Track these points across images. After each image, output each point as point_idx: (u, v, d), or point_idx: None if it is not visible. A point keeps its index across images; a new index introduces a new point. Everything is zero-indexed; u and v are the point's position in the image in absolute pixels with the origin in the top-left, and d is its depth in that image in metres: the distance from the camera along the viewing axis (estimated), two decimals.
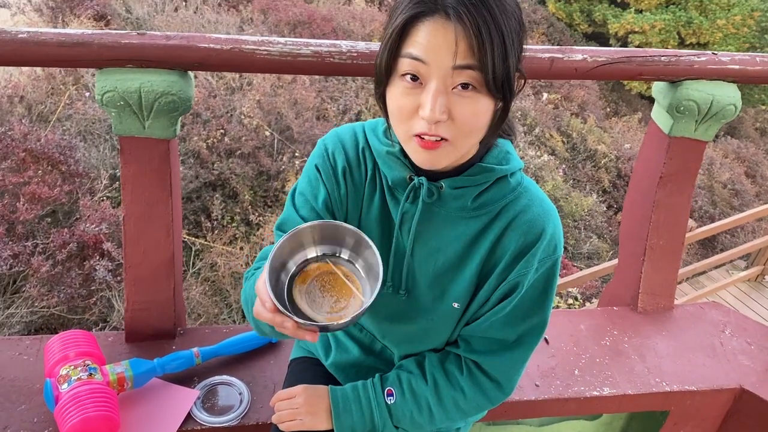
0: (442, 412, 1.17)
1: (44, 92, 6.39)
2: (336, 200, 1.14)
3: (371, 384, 1.20)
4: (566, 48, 1.63)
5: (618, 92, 13.06)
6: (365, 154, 1.13)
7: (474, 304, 1.12)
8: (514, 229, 1.06)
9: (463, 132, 0.93)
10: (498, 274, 1.09)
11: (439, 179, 1.05)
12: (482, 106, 0.92)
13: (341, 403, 1.18)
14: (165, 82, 1.41)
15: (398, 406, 1.17)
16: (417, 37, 0.89)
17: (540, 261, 1.07)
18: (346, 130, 1.16)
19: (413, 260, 1.12)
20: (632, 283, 2.00)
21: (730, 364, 1.83)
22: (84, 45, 1.36)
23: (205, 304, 5.31)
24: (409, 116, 0.93)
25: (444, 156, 0.96)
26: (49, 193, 5.03)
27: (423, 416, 1.17)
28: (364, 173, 1.14)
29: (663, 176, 1.85)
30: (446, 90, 0.90)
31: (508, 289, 1.09)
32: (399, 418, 1.17)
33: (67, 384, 1.36)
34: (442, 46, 0.87)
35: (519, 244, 1.06)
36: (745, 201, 9.73)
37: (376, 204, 1.13)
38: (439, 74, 0.88)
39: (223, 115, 6.67)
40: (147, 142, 1.49)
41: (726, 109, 1.73)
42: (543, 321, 1.12)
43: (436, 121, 0.90)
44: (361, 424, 1.16)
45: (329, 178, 1.13)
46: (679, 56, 1.68)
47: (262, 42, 1.44)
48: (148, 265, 1.61)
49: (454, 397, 1.16)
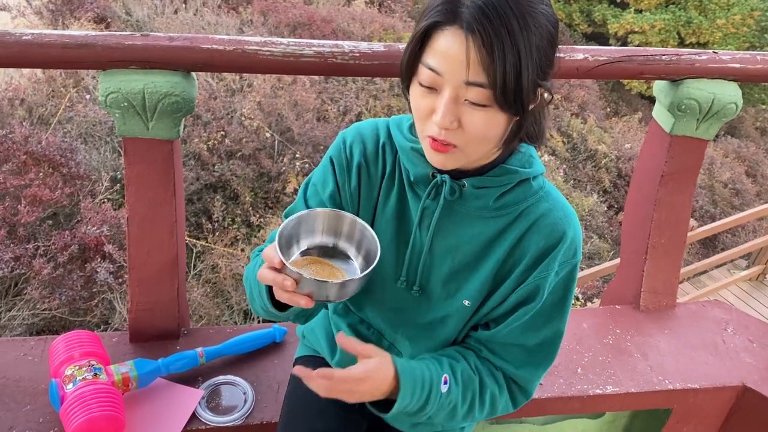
0: (480, 407, 1.11)
1: (45, 95, 6.39)
2: (346, 194, 1.15)
3: (436, 368, 1.08)
4: (567, 47, 1.64)
5: (618, 92, 13.07)
6: (385, 149, 1.14)
7: (488, 304, 1.13)
8: (536, 231, 1.07)
9: (472, 141, 0.95)
10: (516, 276, 1.09)
11: (461, 178, 1.06)
12: (494, 119, 0.92)
13: (408, 398, 1.03)
14: (169, 83, 1.42)
15: (451, 395, 1.07)
16: (436, 45, 0.90)
17: (560, 264, 1.07)
18: (368, 125, 1.17)
19: (431, 257, 1.13)
20: (634, 282, 2.01)
21: (732, 361, 1.84)
22: (88, 46, 1.37)
23: (207, 306, 5.31)
24: (425, 117, 0.96)
25: (452, 160, 0.98)
26: (50, 196, 5.03)
27: (462, 409, 1.10)
28: (382, 168, 1.15)
29: (664, 175, 1.86)
30: (458, 100, 0.91)
31: (527, 293, 1.08)
32: (442, 410, 1.08)
33: (72, 384, 1.36)
34: (456, 60, 0.88)
35: (540, 246, 1.06)
36: (745, 200, 9.73)
37: (393, 200, 1.14)
38: (452, 85, 0.90)
39: (224, 117, 6.67)
40: (151, 143, 1.50)
41: (727, 107, 1.74)
42: (563, 326, 1.13)
43: (446, 128, 0.92)
44: (412, 411, 1.06)
45: (342, 171, 1.15)
46: (680, 55, 1.69)
47: (265, 43, 1.45)
48: (152, 265, 1.62)
49: (492, 393, 1.12)
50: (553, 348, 1.14)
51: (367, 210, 1.16)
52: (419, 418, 1.08)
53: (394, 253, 1.15)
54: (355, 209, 1.16)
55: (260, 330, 1.70)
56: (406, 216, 1.14)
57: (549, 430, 1.90)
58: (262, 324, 1.76)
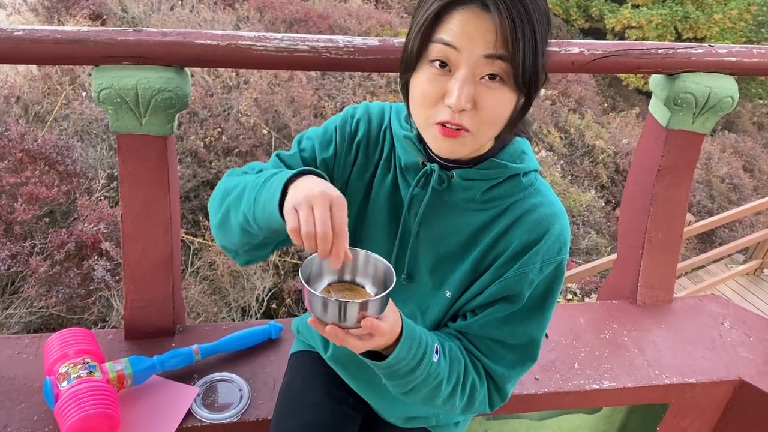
0: (461, 393, 1.08)
1: (41, 92, 6.37)
2: (340, 165, 1.15)
3: (430, 336, 1.05)
4: (563, 41, 1.63)
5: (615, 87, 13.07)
6: (386, 134, 1.15)
7: (466, 295, 1.11)
8: (520, 226, 1.06)
9: (485, 123, 0.94)
10: (496, 269, 1.07)
11: (451, 169, 1.06)
12: (507, 99, 0.93)
13: (404, 352, 0.99)
14: (162, 78, 1.41)
15: (440, 367, 1.04)
16: (451, 24, 0.89)
17: (544, 261, 1.05)
18: (376, 106, 1.18)
19: (417, 244, 1.12)
20: (631, 277, 2.00)
21: (729, 356, 1.83)
22: (80, 42, 1.36)
23: (204, 303, 5.30)
24: (433, 103, 0.94)
25: (463, 145, 0.97)
26: (47, 194, 5.01)
27: (446, 389, 1.06)
28: (380, 152, 1.15)
29: (661, 169, 1.86)
30: (474, 79, 0.91)
31: (507, 287, 1.06)
32: (429, 382, 1.04)
33: (67, 382, 1.36)
34: (475, 35, 0.88)
35: (522, 240, 1.05)
36: (743, 195, 9.74)
37: (388, 185, 1.14)
38: (469, 62, 0.89)
39: (220, 114, 6.66)
40: (144, 139, 1.49)
41: (723, 101, 1.73)
42: (542, 327, 1.10)
43: (461, 109, 0.91)
44: (404, 370, 1.01)
45: (343, 142, 1.15)
46: (676, 48, 1.68)
47: (259, 38, 1.44)
48: (147, 262, 1.61)
49: (473, 381, 1.09)
50: (530, 350, 1.11)
51: (358, 190, 1.16)
52: (406, 385, 1.03)
53: (386, 238, 1.15)
54: (344, 181, 1.16)
55: (256, 326, 1.69)
56: (398, 201, 1.14)
57: (546, 425, 1.90)
58: (258, 321, 1.75)
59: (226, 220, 1.07)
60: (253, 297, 5.45)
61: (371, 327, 0.89)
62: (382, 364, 1.00)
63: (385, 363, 0.99)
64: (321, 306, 0.88)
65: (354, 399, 1.35)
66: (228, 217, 1.06)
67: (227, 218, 1.07)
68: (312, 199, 0.86)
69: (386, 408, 1.33)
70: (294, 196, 0.88)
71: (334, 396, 1.33)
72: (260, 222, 0.97)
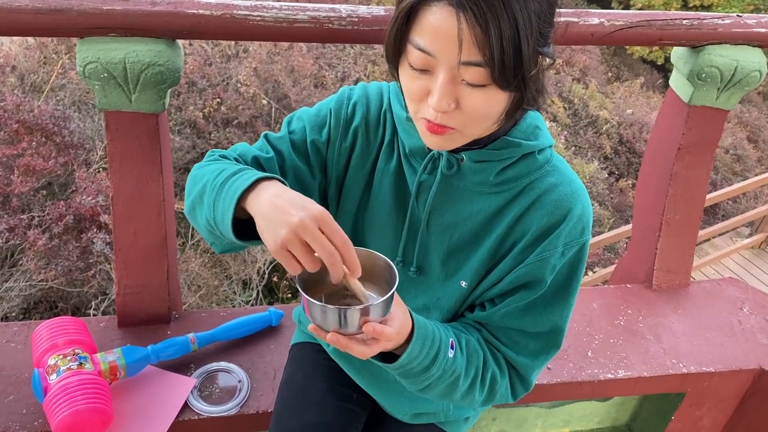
0: (481, 387, 1.03)
1: (36, 62, 6.23)
2: (334, 151, 1.07)
3: (444, 331, 1.00)
4: (582, 11, 1.52)
5: (620, 57, 12.85)
6: (386, 116, 1.06)
7: (483, 284, 1.04)
8: (539, 208, 0.97)
9: (471, 121, 0.86)
10: (515, 255, 1.00)
11: (460, 151, 0.97)
12: (494, 97, 0.83)
13: (417, 351, 0.94)
14: (152, 51, 1.31)
15: (456, 362, 0.99)
16: (424, 23, 0.80)
17: (566, 245, 0.97)
18: (374, 87, 1.09)
19: (428, 234, 1.05)
20: (647, 260, 1.92)
21: (749, 343, 1.76)
22: (62, 12, 1.26)
23: (205, 276, 5.25)
24: (419, 99, 0.87)
25: (451, 141, 0.90)
26: (44, 165, 4.93)
27: (464, 384, 1.01)
28: (381, 136, 1.07)
29: (681, 147, 1.76)
30: (455, 81, 0.82)
31: (527, 274, 0.99)
32: (445, 378, 0.99)
33: (56, 375, 1.28)
34: (447, 39, 0.78)
35: (543, 223, 0.97)
36: (747, 166, 9.63)
37: (392, 172, 1.05)
38: (446, 66, 0.80)
39: (219, 84, 6.52)
40: (134, 116, 1.39)
41: (750, 75, 1.63)
42: (566, 313, 1.04)
43: (444, 111, 0.83)
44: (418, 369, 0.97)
45: (338, 126, 1.06)
46: (702, 19, 1.58)
47: (255, 7, 1.33)
48: (140, 247, 1.53)
49: (494, 374, 1.04)
50: (554, 337, 1.05)
51: (359, 179, 1.08)
52: (421, 383, 0.98)
53: (392, 229, 1.08)
54: (341, 170, 1.08)
55: (255, 314, 1.62)
56: (404, 188, 1.06)
57: (556, 413, 1.84)
58: (257, 307, 1.68)
59: (192, 215, 0.99)
60: (254, 270, 5.39)
61: (375, 332, 0.82)
62: (393, 365, 0.94)
63: (397, 364, 0.94)
64: (320, 314, 0.82)
65: (358, 394, 1.28)
66: (194, 213, 0.98)
67: (193, 214, 0.99)
68: (297, 230, 0.76)
69: (393, 403, 1.26)
70: (272, 231, 0.79)
71: (337, 392, 1.26)
72: (222, 231, 0.89)
